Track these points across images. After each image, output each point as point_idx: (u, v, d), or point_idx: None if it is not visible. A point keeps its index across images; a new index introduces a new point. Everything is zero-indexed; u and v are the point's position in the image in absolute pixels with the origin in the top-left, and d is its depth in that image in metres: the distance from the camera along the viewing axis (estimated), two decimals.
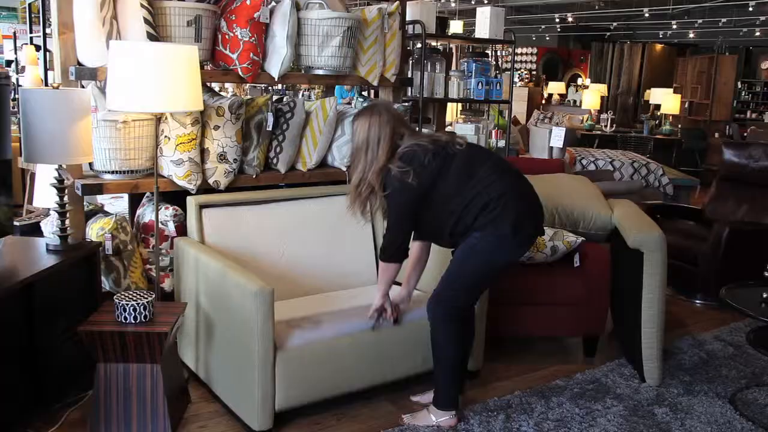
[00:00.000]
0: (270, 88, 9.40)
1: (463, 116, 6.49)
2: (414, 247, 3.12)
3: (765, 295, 3.28)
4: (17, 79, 7.80)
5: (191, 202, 3.35)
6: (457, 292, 2.88)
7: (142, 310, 2.70)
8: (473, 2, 12.23)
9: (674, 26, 14.29)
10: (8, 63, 9.43)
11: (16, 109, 4.87)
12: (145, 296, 2.75)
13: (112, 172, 3.31)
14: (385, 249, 2.95)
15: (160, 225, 3.37)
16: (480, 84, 4.94)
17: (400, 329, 3.13)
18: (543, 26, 15.69)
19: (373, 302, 3.05)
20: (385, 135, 2.86)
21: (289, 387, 2.84)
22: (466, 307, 2.93)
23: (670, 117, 11.06)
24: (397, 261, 2.96)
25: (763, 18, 12.39)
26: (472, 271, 2.87)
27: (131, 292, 2.79)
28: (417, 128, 4.54)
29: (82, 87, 3.31)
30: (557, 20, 14.76)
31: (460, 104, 6.84)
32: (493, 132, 5.83)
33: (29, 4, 6.95)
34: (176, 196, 3.49)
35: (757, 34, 13.97)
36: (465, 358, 3.02)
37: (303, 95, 9.14)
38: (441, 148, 2.86)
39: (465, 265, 2.86)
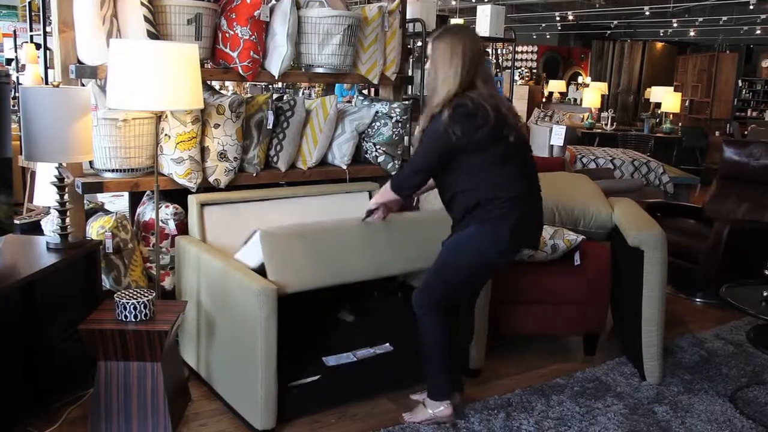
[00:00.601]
0: (270, 86, 9.40)
1: None
2: None
3: (765, 294, 3.28)
4: (17, 78, 7.80)
5: (193, 200, 3.35)
6: (444, 283, 2.85)
7: (142, 308, 2.70)
8: (474, 0, 12.22)
9: (675, 24, 14.29)
10: (8, 61, 9.44)
11: (16, 108, 4.87)
12: (146, 295, 2.75)
13: (113, 171, 3.31)
14: (397, 180, 2.91)
15: (160, 223, 3.37)
16: None
17: (389, 226, 3.17)
18: (543, 24, 15.70)
19: (369, 203, 3.13)
20: (471, 64, 2.71)
21: (277, 270, 2.83)
22: (450, 300, 2.91)
23: (671, 115, 11.05)
24: (402, 197, 2.95)
25: (763, 16, 12.37)
26: (460, 262, 2.82)
27: (132, 291, 2.79)
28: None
29: (83, 85, 3.31)
30: (558, 18, 14.76)
31: None
32: None
33: (29, 3, 6.94)
34: (176, 195, 3.49)
35: (758, 32, 13.97)
36: (464, 355, 3.02)
37: (303, 93, 9.14)
38: (499, 123, 2.70)
39: (456, 255, 2.81)
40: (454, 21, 8.63)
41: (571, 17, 14.13)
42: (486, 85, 2.75)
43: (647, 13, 12.86)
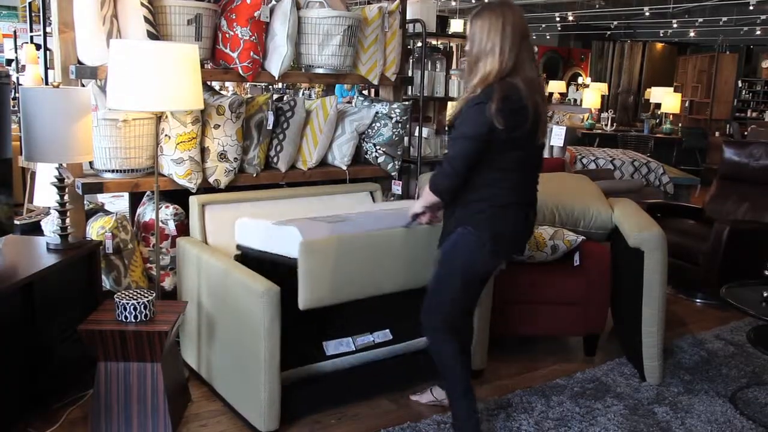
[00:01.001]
0: (270, 86, 9.39)
1: None
2: None
3: (765, 294, 3.28)
4: (17, 78, 7.80)
5: (194, 201, 3.35)
6: (445, 299, 2.68)
7: (142, 309, 2.70)
8: (474, 1, 12.22)
9: (675, 25, 14.28)
10: (8, 62, 9.44)
11: (16, 108, 4.87)
12: (146, 295, 2.75)
13: (113, 171, 3.31)
14: (436, 180, 2.61)
15: (160, 224, 3.37)
16: None
17: (430, 232, 2.89)
18: (543, 25, 15.69)
19: (413, 207, 2.85)
20: (514, 42, 2.45)
21: (313, 285, 2.64)
22: (456, 316, 2.74)
23: (671, 116, 11.06)
24: (442, 198, 2.64)
25: (763, 17, 12.37)
26: (453, 274, 2.65)
27: (132, 291, 2.79)
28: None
29: (83, 86, 3.31)
30: (558, 19, 14.75)
31: None
32: None
33: (29, 3, 6.94)
34: (177, 195, 3.49)
35: (758, 32, 13.96)
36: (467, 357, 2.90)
37: (303, 94, 9.14)
38: (534, 125, 2.49)
39: (448, 267, 2.65)
40: (454, 21, 8.63)
41: (571, 18, 14.12)
42: (530, 67, 2.49)
43: (647, 13, 12.86)
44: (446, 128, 2.63)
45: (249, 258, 3.04)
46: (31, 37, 7.30)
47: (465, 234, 2.58)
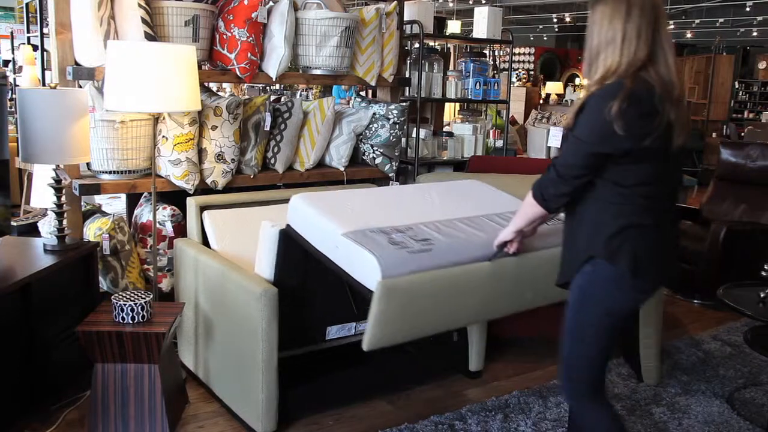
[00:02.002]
0: (268, 88, 9.39)
1: (460, 116, 6.49)
2: None
3: (762, 295, 3.28)
4: (15, 79, 7.79)
5: (191, 202, 3.35)
6: (588, 356, 2.20)
7: (139, 310, 2.70)
8: (471, 2, 12.24)
9: (671, 26, 14.30)
10: (5, 63, 9.43)
11: (13, 109, 4.86)
12: (143, 296, 2.75)
13: (110, 172, 3.31)
14: (542, 186, 2.19)
15: (157, 225, 3.37)
16: (478, 84, 4.94)
17: (518, 263, 2.55)
18: (541, 26, 15.72)
19: (501, 234, 2.44)
20: (644, 29, 2.02)
21: (385, 327, 2.27)
22: (603, 369, 2.25)
23: None
24: (546, 207, 2.20)
25: (760, 18, 12.41)
26: (592, 324, 2.17)
27: (129, 293, 2.78)
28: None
29: (80, 87, 3.31)
30: (555, 20, 14.78)
31: (457, 104, 6.84)
32: (491, 132, 5.83)
33: (26, 4, 6.95)
34: (174, 196, 3.49)
35: (755, 34, 14.00)
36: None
37: (301, 95, 9.14)
38: (670, 129, 2.03)
39: (584, 317, 2.18)
40: (451, 23, 8.63)
41: (568, 19, 14.15)
42: (668, 59, 2.04)
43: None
44: (566, 128, 2.14)
45: (292, 239, 2.71)
46: (28, 38, 7.30)
47: (596, 271, 2.11)
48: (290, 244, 2.69)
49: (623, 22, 2.02)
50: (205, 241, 3.34)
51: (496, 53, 9.36)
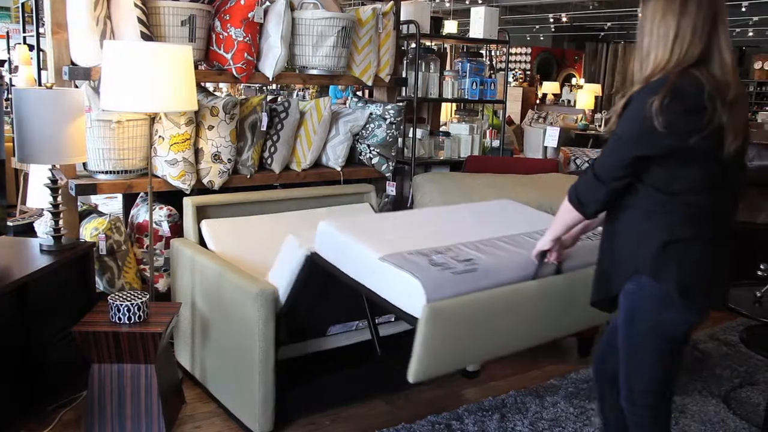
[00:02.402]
0: (264, 88, 9.38)
1: (457, 116, 6.49)
2: None
3: (759, 295, 3.29)
4: (10, 79, 7.77)
5: (188, 203, 3.34)
6: (646, 382, 2.05)
7: (136, 310, 2.70)
8: (467, 2, 12.24)
9: None
10: (1, 62, 9.41)
11: (9, 109, 4.85)
12: (140, 297, 2.75)
13: (106, 173, 3.31)
14: (578, 189, 2.08)
15: (154, 225, 3.37)
16: (474, 84, 4.94)
17: (562, 280, 2.40)
18: (537, 26, 15.73)
19: (539, 243, 2.28)
20: (700, 24, 1.87)
21: (431, 356, 2.11)
22: (666, 389, 2.09)
23: None
24: (583, 211, 2.06)
25: (756, 18, 12.43)
26: (643, 349, 2.03)
27: (125, 293, 2.78)
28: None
29: (76, 87, 3.30)
30: (551, 20, 14.79)
31: (454, 104, 6.85)
32: (488, 132, 5.83)
33: (22, 4, 6.93)
34: (170, 196, 3.48)
35: (750, 34, 14.02)
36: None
37: (297, 95, 9.13)
38: (722, 130, 1.85)
39: (635, 340, 2.04)
40: (448, 23, 8.64)
41: (564, 19, 14.16)
42: (725, 56, 1.88)
43: (640, 15, 12.88)
44: (607, 133, 2.00)
45: (318, 266, 2.59)
46: (24, 38, 7.29)
47: (642, 289, 1.96)
48: (315, 270, 2.57)
49: (677, 16, 1.87)
50: (202, 242, 3.33)
51: (493, 53, 9.37)
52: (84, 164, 3.37)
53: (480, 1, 11.87)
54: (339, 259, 2.41)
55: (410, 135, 4.55)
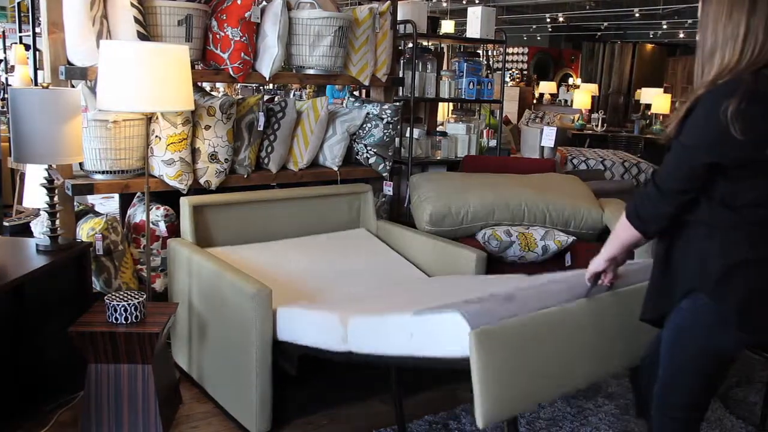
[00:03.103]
0: (261, 87, 9.38)
1: (454, 116, 6.49)
2: None
3: None
4: (6, 79, 7.77)
5: (185, 202, 3.34)
6: (685, 396, 1.96)
7: (133, 310, 2.69)
8: (464, 2, 12.25)
9: (664, 26, 14.35)
10: None
11: (5, 109, 4.85)
12: (137, 297, 2.74)
13: (103, 172, 3.30)
14: (638, 205, 1.92)
15: (151, 225, 3.36)
16: (471, 84, 4.94)
17: (617, 299, 2.24)
18: (534, 26, 15.74)
19: (592, 264, 2.13)
20: (749, 28, 1.73)
21: (495, 391, 1.91)
22: (700, 408, 2.00)
23: (661, 117, 11.11)
24: (643, 229, 1.91)
25: None
26: (685, 371, 1.94)
27: (122, 293, 2.78)
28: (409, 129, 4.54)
29: (72, 86, 3.29)
30: (548, 20, 14.80)
31: (451, 104, 6.84)
32: (485, 132, 5.83)
33: (18, 3, 6.92)
34: (167, 196, 3.48)
35: None
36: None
37: (294, 95, 9.13)
38: None
39: (678, 360, 1.94)
40: (444, 23, 8.64)
41: (561, 19, 14.17)
42: None
43: (637, 14, 12.91)
44: (665, 139, 1.89)
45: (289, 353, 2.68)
46: (20, 38, 7.28)
47: (697, 309, 1.85)
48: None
49: (747, 14, 1.72)
50: (199, 241, 3.33)
51: (490, 53, 9.38)
52: (80, 164, 3.36)
53: (477, 1, 11.87)
54: (374, 344, 2.30)
55: (407, 135, 4.55)
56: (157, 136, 3.34)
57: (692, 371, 1.93)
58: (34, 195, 3.53)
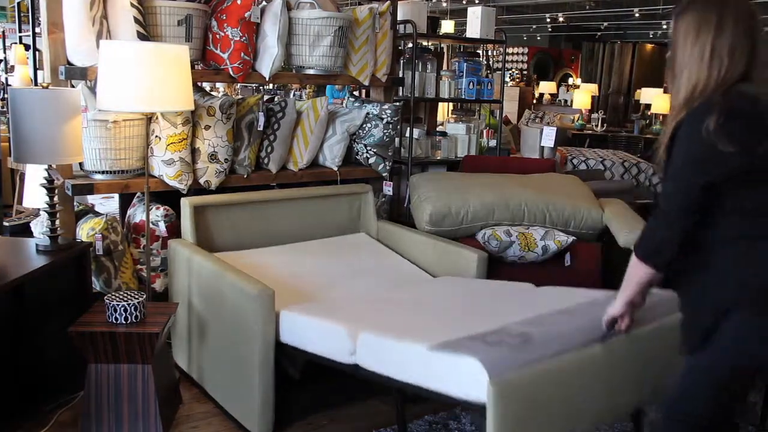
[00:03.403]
0: (261, 87, 9.38)
1: (454, 116, 6.49)
2: None
3: None
4: (6, 79, 7.77)
5: (185, 203, 3.34)
6: (697, 399, 1.91)
7: (133, 310, 2.69)
8: (464, 2, 12.25)
9: (664, 26, 14.34)
10: None
11: (5, 109, 4.85)
12: (136, 297, 2.74)
13: (103, 173, 3.30)
14: (644, 240, 1.92)
15: (151, 225, 3.36)
16: (471, 84, 4.94)
17: (632, 340, 2.24)
18: (534, 26, 15.74)
19: (610, 309, 2.12)
20: (737, 46, 1.78)
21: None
22: (714, 419, 1.92)
23: (661, 116, 11.11)
24: (655, 265, 1.91)
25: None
26: (712, 386, 1.89)
27: (122, 293, 2.78)
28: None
29: (72, 87, 3.30)
30: (548, 20, 14.80)
31: (451, 104, 6.84)
32: (484, 132, 5.83)
33: (18, 3, 6.92)
34: (167, 196, 3.48)
35: None
36: None
37: (294, 95, 9.13)
38: None
39: (707, 377, 1.90)
40: (444, 23, 8.64)
41: (561, 19, 14.17)
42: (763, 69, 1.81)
43: (637, 14, 12.91)
44: (657, 165, 1.90)
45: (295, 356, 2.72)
46: (20, 38, 7.28)
47: (740, 328, 1.81)
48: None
49: (713, 36, 1.79)
50: (200, 242, 3.33)
51: (490, 53, 9.37)
52: (80, 164, 3.36)
53: (477, 1, 11.87)
54: (385, 365, 2.30)
55: (407, 135, 4.55)
56: (157, 136, 3.34)
57: (717, 387, 1.90)
58: (34, 195, 3.53)
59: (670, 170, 1.83)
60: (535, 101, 14.83)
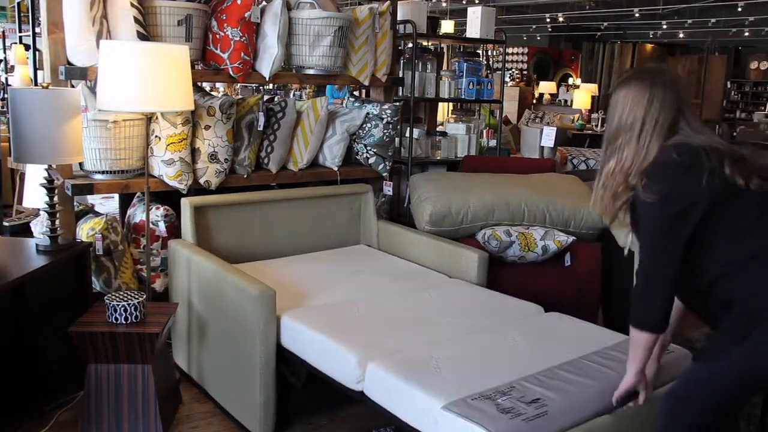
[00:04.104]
0: (261, 87, 9.39)
1: (454, 116, 6.50)
2: None
3: None
4: (6, 79, 7.77)
5: (186, 203, 3.34)
6: (706, 394, 1.92)
7: (133, 310, 2.69)
8: (464, 2, 12.25)
9: (664, 26, 14.36)
10: None
11: (5, 109, 4.85)
12: (136, 297, 2.74)
13: (103, 173, 3.30)
14: (635, 308, 1.98)
15: (151, 225, 3.36)
16: (471, 84, 4.94)
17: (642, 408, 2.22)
18: (534, 26, 15.74)
19: (623, 383, 2.12)
20: (662, 120, 1.94)
21: None
22: (720, 412, 1.96)
23: None
24: (652, 330, 1.95)
25: (752, 18, 12.46)
26: (716, 394, 1.91)
27: (122, 293, 2.78)
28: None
29: (72, 86, 3.29)
30: (548, 20, 14.81)
31: (451, 104, 6.85)
32: (484, 132, 5.83)
33: (18, 3, 6.93)
34: (167, 196, 3.48)
35: (747, 34, 14.05)
36: None
37: (294, 95, 9.13)
38: (719, 177, 1.87)
39: (713, 385, 1.91)
40: (444, 23, 8.62)
41: (561, 19, 14.18)
42: (690, 124, 1.98)
43: (637, 14, 12.92)
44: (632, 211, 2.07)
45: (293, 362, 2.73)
46: (20, 38, 7.27)
47: (754, 347, 1.83)
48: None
49: (644, 111, 1.96)
50: (200, 242, 3.33)
51: (490, 53, 9.37)
52: (80, 164, 3.36)
53: (477, 1, 11.87)
54: (396, 405, 2.28)
55: (407, 135, 4.55)
56: (156, 136, 3.34)
57: (731, 381, 1.90)
58: (34, 195, 3.53)
59: (644, 234, 1.98)
60: (535, 101, 14.83)
